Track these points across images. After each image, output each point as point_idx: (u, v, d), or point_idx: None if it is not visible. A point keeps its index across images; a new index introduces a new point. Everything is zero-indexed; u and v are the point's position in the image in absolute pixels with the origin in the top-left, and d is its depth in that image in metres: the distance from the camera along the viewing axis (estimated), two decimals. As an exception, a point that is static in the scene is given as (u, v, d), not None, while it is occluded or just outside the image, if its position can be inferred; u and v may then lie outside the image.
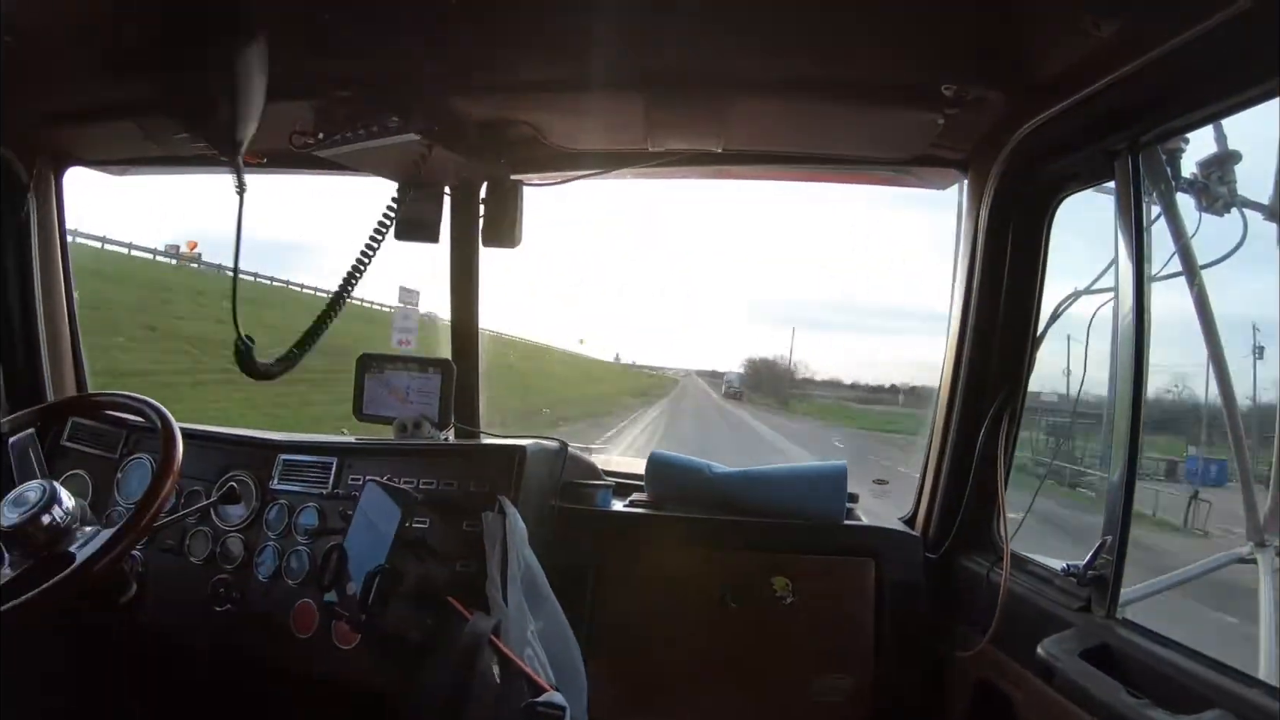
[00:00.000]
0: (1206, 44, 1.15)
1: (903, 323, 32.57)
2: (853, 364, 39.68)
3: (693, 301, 41.30)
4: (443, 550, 1.69)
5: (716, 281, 44.92)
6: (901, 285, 34.14)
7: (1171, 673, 1.25)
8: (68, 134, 2.16)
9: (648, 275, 51.25)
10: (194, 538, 1.94)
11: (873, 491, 2.42)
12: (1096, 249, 1.59)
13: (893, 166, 2.05)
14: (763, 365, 18.73)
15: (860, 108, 1.71)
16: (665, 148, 1.99)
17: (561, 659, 1.57)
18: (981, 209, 1.86)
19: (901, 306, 33.66)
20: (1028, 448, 1.94)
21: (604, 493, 2.12)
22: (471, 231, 2.27)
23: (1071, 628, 1.49)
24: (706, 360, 33.99)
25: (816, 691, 1.99)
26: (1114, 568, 1.46)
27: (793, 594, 1.99)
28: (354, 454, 1.94)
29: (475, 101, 1.81)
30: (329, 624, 1.75)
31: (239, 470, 1.98)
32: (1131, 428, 1.44)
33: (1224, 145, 1.60)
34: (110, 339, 6.94)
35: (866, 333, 36.24)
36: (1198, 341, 1.78)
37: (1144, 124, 1.44)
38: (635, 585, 2.03)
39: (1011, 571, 1.72)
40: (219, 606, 1.88)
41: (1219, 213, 1.62)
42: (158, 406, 1.70)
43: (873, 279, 40.52)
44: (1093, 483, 4.84)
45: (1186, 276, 1.61)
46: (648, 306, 41.91)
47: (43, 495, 1.52)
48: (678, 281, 44.99)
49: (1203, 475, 5.46)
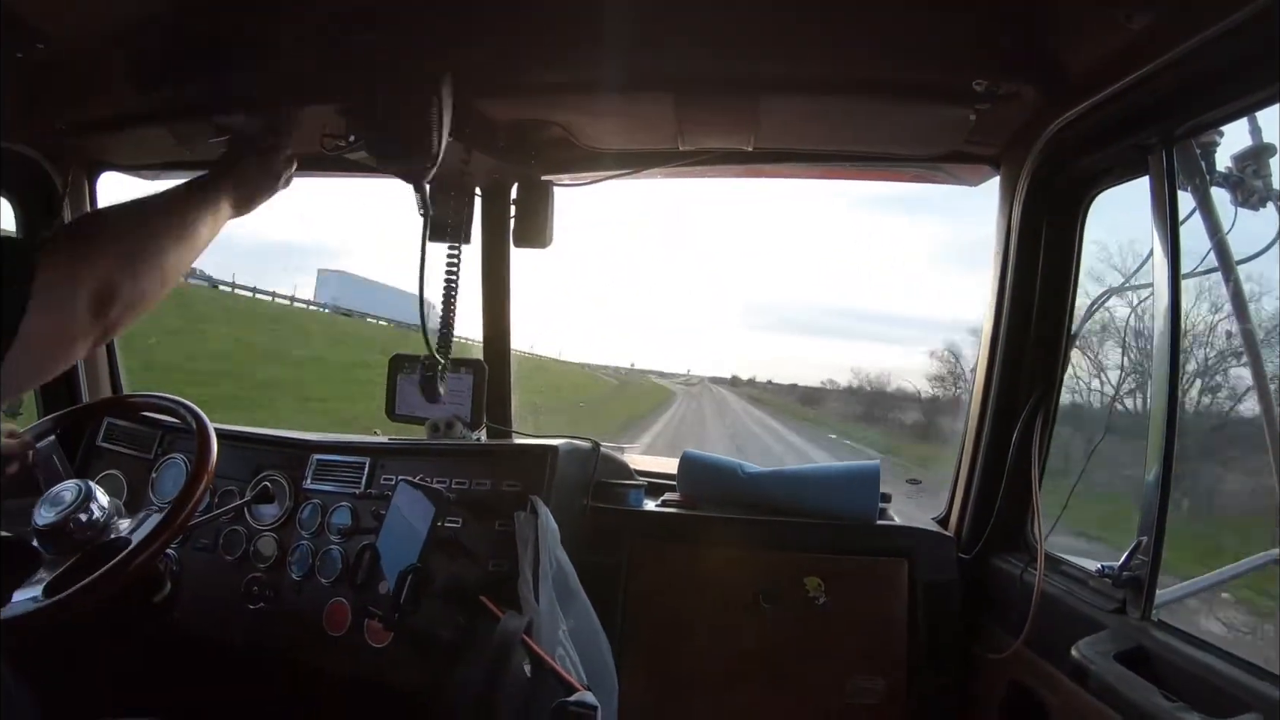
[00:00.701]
0: (1239, 36, 1.14)
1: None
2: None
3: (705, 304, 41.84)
4: (475, 550, 1.70)
5: (735, 285, 44.99)
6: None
7: (1207, 675, 1.24)
8: (101, 139, 2.18)
9: (663, 278, 51.26)
10: (228, 537, 1.96)
11: (906, 491, 2.40)
12: (1135, 245, 1.58)
13: (924, 163, 2.04)
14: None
15: (891, 105, 1.70)
16: (696, 146, 1.98)
17: (593, 658, 1.57)
18: (1014, 205, 1.84)
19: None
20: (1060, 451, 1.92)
21: (636, 492, 2.12)
22: (503, 232, 2.28)
23: (1106, 629, 1.47)
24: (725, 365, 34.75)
25: (850, 693, 1.98)
26: (1149, 569, 1.44)
27: (825, 594, 1.98)
28: (386, 454, 1.96)
29: (505, 103, 1.81)
30: (361, 623, 1.76)
31: (272, 470, 2.00)
32: (1167, 426, 1.42)
33: (1259, 138, 1.57)
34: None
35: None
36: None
37: (1177, 118, 1.42)
38: (667, 585, 2.03)
39: (1045, 572, 1.70)
40: (252, 605, 1.90)
41: (1255, 207, 1.59)
42: (192, 407, 1.72)
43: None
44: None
45: (1222, 272, 1.59)
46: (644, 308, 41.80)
47: (78, 495, 1.55)
48: (695, 285, 45.30)
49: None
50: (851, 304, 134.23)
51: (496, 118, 1.87)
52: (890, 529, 2.07)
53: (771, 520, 2.07)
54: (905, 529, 2.07)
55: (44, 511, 1.53)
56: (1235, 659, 1.25)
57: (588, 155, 2.07)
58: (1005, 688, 1.80)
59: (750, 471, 2.15)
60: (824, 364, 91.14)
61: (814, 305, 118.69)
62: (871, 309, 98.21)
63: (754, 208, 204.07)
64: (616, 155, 2.10)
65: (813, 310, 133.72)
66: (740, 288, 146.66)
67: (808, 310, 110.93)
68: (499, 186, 2.25)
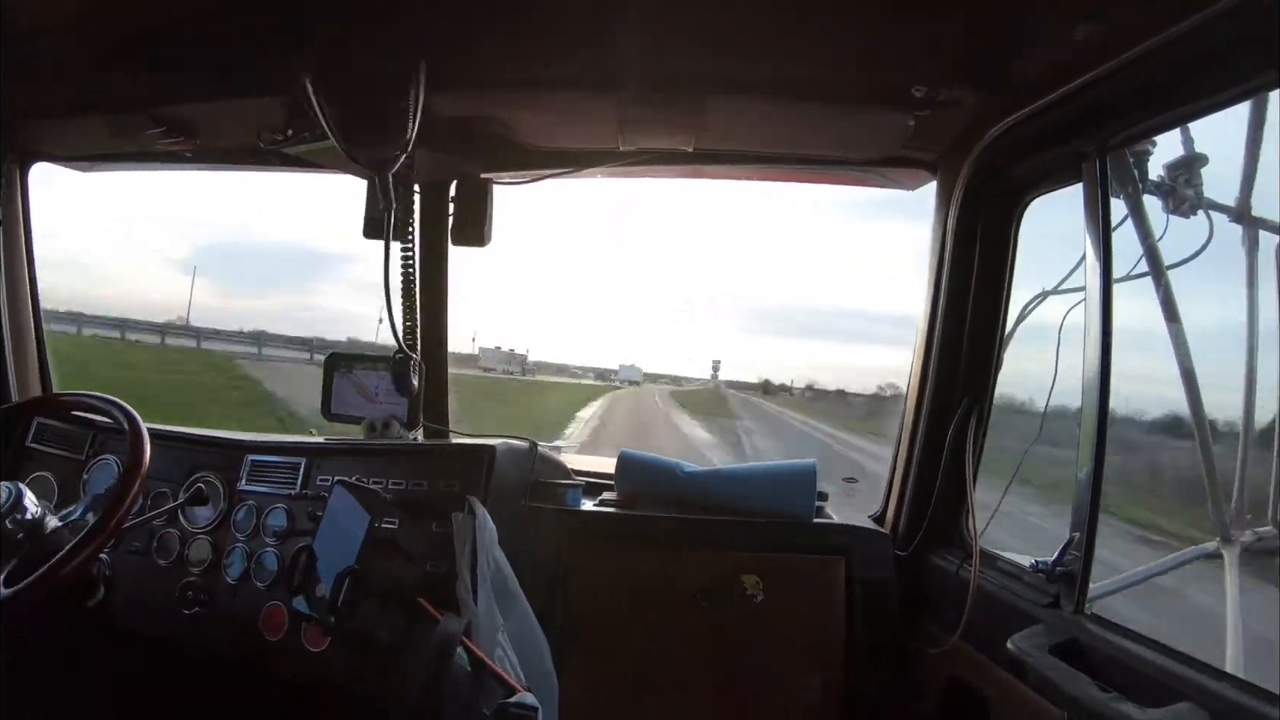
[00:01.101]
0: (1175, 48, 1.17)
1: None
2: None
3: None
4: (412, 551, 1.68)
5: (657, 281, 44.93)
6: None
7: (1140, 667, 1.27)
8: (35, 129, 2.13)
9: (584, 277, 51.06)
10: (161, 540, 1.92)
11: (842, 489, 2.43)
12: (1067, 250, 1.61)
13: (863, 167, 2.06)
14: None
15: (832, 108, 1.73)
16: (637, 147, 1.99)
17: (532, 660, 1.56)
18: (950, 210, 1.87)
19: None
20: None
21: (574, 492, 2.11)
22: (441, 230, 2.26)
23: (1041, 623, 1.51)
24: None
25: (788, 689, 2.00)
26: (1082, 564, 1.48)
27: (763, 592, 2.00)
28: (322, 454, 1.93)
29: (447, 98, 1.80)
30: (299, 626, 1.73)
31: (206, 471, 1.96)
32: (1098, 426, 1.46)
33: (1190, 148, 1.62)
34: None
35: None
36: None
37: (1112, 127, 1.46)
38: (606, 585, 2.03)
39: (981, 568, 1.73)
40: (188, 609, 1.86)
41: (1185, 214, 1.64)
42: (124, 407, 1.68)
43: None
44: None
45: (1153, 277, 1.63)
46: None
47: (7, 497, 1.50)
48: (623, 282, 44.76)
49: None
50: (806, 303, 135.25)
51: (437, 112, 1.85)
52: (827, 527, 2.09)
53: (709, 519, 2.08)
54: (842, 527, 2.09)
55: None
56: (1167, 649, 1.28)
57: (528, 153, 2.07)
58: (944, 682, 1.83)
59: (688, 471, 2.16)
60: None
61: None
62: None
63: (716, 207, 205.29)
64: (557, 153, 2.10)
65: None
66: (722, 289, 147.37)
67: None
68: (438, 183, 2.24)
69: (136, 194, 18.57)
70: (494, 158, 2.09)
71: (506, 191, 2.26)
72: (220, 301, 35.40)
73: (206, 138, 1.93)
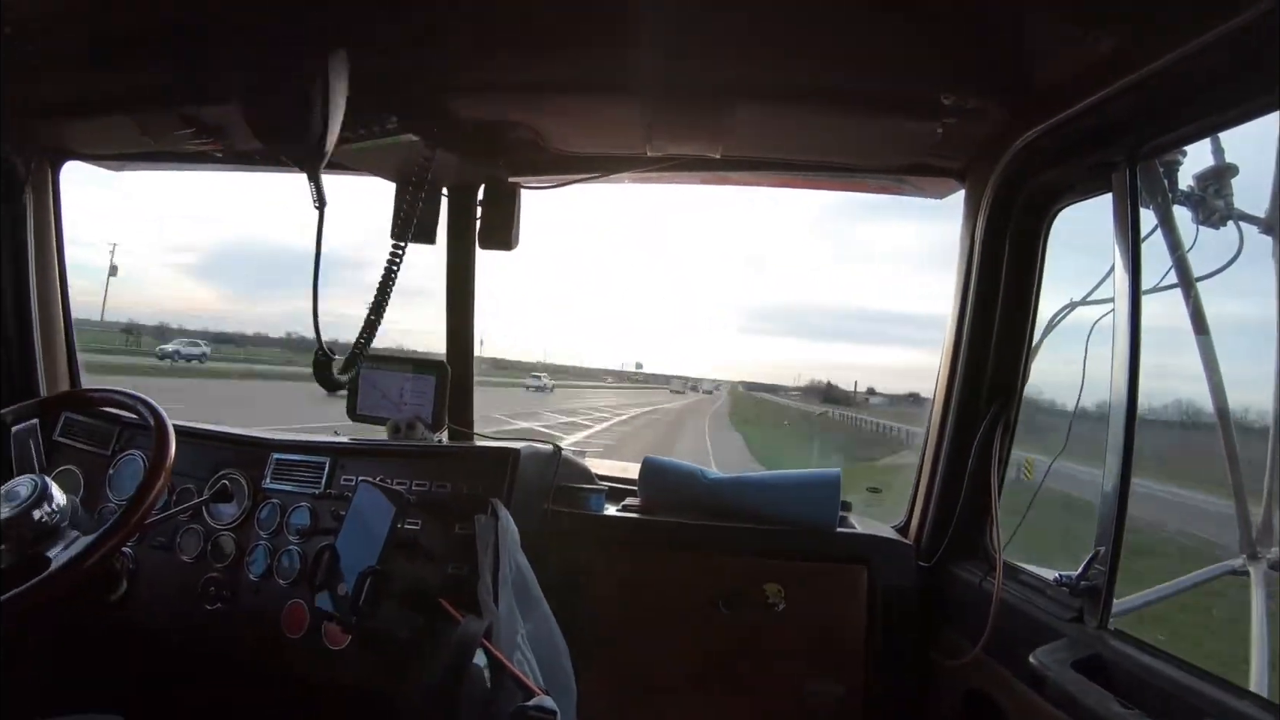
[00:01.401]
0: (1204, 57, 1.16)
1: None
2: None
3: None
4: (434, 552, 1.69)
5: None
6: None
7: (1163, 684, 1.25)
8: (65, 128, 2.16)
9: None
10: (185, 535, 1.94)
11: (865, 500, 2.41)
12: (1097, 259, 1.60)
13: (891, 175, 2.06)
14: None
15: (860, 116, 1.72)
16: (663, 153, 1.99)
17: (551, 663, 1.57)
18: (979, 219, 1.86)
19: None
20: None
21: (597, 497, 2.12)
22: (468, 233, 2.28)
23: (1063, 638, 1.49)
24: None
25: (808, 698, 1.99)
26: (1106, 578, 1.46)
27: (784, 600, 1.99)
28: (347, 454, 1.94)
29: (474, 103, 1.81)
30: (319, 624, 1.74)
31: (231, 469, 1.97)
32: (1125, 437, 1.44)
33: (1221, 158, 1.60)
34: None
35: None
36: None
37: (1141, 137, 1.44)
38: (627, 590, 2.03)
39: (1004, 581, 1.72)
40: (209, 605, 1.87)
41: (1215, 225, 1.62)
42: (151, 403, 1.69)
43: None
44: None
45: (1182, 289, 1.61)
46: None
47: (34, 490, 1.51)
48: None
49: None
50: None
51: (464, 117, 1.86)
52: (850, 536, 2.07)
53: (731, 526, 2.06)
54: (865, 536, 2.08)
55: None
56: (1192, 667, 1.26)
57: (555, 158, 2.07)
58: (963, 694, 1.81)
59: (711, 477, 2.15)
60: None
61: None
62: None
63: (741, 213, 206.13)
64: (584, 159, 2.10)
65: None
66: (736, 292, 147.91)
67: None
68: (466, 187, 2.25)
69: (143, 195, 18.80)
70: (521, 162, 2.10)
71: (527, 195, 2.27)
72: (226, 305, 36.01)
73: (236, 138, 1.95)
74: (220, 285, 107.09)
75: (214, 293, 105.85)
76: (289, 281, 45.95)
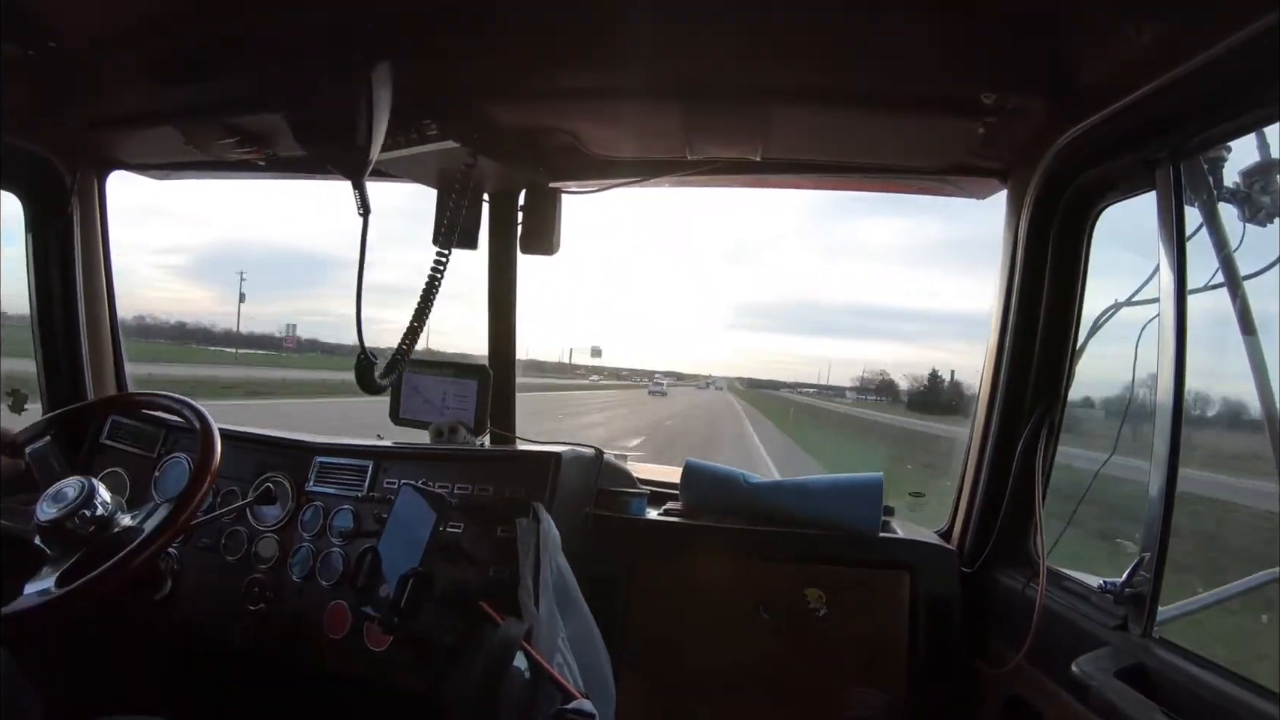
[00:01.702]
0: (1247, 51, 1.13)
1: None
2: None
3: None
4: (476, 555, 1.70)
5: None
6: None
7: (1209, 695, 1.23)
8: (110, 138, 2.20)
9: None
10: (229, 537, 1.97)
11: (909, 504, 2.39)
12: (1142, 258, 1.57)
13: (932, 175, 2.05)
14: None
15: (900, 116, 1.71)
16: (704, 156, 1.99)
17: (591, 667, 1.57)
18: (1021, 218, 1.84)
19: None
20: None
21: (638, 501, 2.11)
22: (510, 238, 2.30)
23: (1107, 646, 1.47)
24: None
25: (849, 705, 1.97)
26: (1152, 586, 1.44)
27: (826, 606, 1.98)
28: (390, 458, 1.96)
29: (514, 109, 1.82)
30: (361, 626, 1.75)
31: (275, 471, 2.00)
32: (1171, 441, 1.42)
33: (1267, 154, 1.57)
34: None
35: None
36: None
37: (1185, 132, 1.42)
38: (668, 594, 2.03)
39: (1048, 588, 1.69)
40: (253, 605, 1.90)
41: (1262, 223, 1.59)
42: (196, 406, 1.72)
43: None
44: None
45: (1229, 287, 1.58)
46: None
47: (81, 491, 1.54)
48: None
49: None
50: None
51: (505, 123, 1.88)
52: (892, 541, 2.06)
53: (773, 531, 2.05)
54: (907, 542, 2.06)
55: (46, 508, 1.53)
56: (1238, 678, 1.23)
57: (596, 163, 2.08)
58: (1005, 702, 1.79)
59: (753, 481, 2.14)
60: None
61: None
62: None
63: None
64: (624, 163, 2.10)
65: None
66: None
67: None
68: (507, 192, 2.27)
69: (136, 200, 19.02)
70: (561, 167, 2.11)
71: (566, 200, 2.28)
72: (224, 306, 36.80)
73: (279, 146, 1.97)
74: (212, 287, 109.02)
75: (205, 294, 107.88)
76: (287, 283, 47.01)
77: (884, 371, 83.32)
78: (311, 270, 61.96)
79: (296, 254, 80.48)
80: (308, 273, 54.81)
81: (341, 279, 16.39)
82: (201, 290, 69.05)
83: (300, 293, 44.16)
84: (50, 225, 2.29)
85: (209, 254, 51.70)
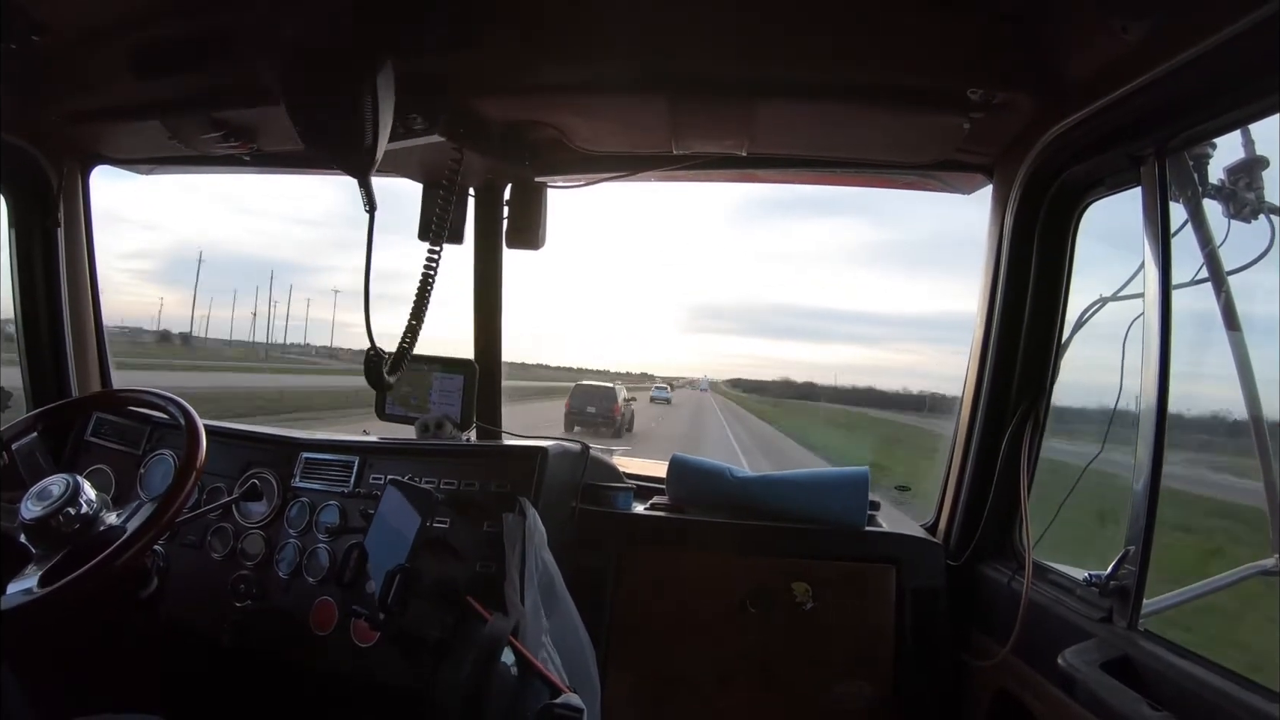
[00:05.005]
0: (1233, 48, 1.14)
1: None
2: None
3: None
4: (462, 550, 1.70)
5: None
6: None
7: (1194, 686, 1.24)
8: (95, 133, 2.19)
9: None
10: (215, 534, 1.96)
11: (894, 499, 2.40)
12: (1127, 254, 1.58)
13: (918, 171, 2.05)
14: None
15: (886, 112, 1.71)
16: (689, 150, 1.99)
17: (575, 661, 1.57)
18: (1007, 214, 1.85)
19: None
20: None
21: (625, 495, 2.12)
22: (495, 233, 2.29)
23: (1093, 638, 1.47)
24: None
25: (836, 698, 1.98)
26: (1136, 578, 1.45)
27: (813, 600, 1.98)
28: (376, 453, 1.95)
29: (500, 103, 1.82)
30: (348, 622, 1.75)
31: (261, 467, 2.00)
32: (1156, 435, 1.42)
33: (1251, 151, 1.58)
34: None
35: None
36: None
37: (1170, 129, 1.42)
38: (654, 588, 2.03)
39: (1033, 580, 1.70)
40: (239, 602, 1.89)
41: (1246, 219, 1.60)
42: (181, 403, 1.71)
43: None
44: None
45: (1213, 283, 1.59)
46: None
47: (66, 489, 1.54)
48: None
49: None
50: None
51: (491, 117, 1.87)
52: (878, 535, 2.06)
53: (760, 525, 2.06)
54: (893, 536, 2.06)
55: (31, 505, 1.52)
56: (1223, 670, 1.25)
57: (581, 157, 2.07)
58: (992, 695, 1.80)
59: (739, 476, 2.14)
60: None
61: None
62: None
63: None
64: (610, 158, 2.10)
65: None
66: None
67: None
68: (492, 187, 2.26)
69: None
70: (548, 162, 2.10)
71: (552, 194, 2.28)
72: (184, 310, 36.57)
73: (265, 141, 1.96)
74: (180, 290, 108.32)
75: (174, 297, 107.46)
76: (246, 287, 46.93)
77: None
78: (256, 275, 61.64)
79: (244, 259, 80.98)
80: (252, 278, 54.45)
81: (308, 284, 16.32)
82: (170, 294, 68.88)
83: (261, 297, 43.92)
84: (35, 221, 2.27)
85: (173, 258, 51.67)
